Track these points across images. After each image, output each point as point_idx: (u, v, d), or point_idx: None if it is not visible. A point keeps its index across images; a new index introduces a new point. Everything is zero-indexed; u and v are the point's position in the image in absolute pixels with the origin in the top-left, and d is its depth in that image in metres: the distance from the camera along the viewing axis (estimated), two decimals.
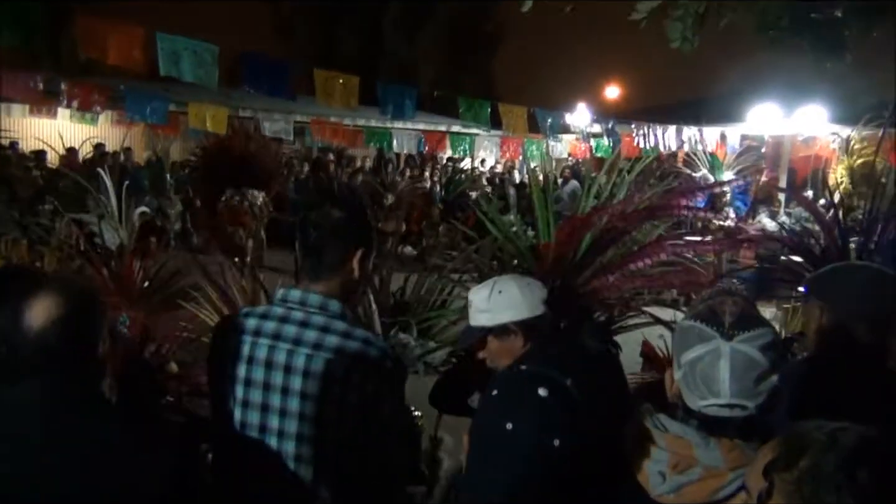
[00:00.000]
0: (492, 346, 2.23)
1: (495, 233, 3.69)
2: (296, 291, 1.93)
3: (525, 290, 2.18)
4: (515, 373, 2.02)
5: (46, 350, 1.60)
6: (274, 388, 1.85)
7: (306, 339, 1.85)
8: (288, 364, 1.84)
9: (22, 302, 1.62)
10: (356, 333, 1.88)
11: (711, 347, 1.47)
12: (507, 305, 2.16)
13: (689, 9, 3.09)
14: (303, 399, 1.82)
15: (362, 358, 1.84)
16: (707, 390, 1.47)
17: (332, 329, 1.86)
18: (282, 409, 1.84)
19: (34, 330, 1.60)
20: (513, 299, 2.17)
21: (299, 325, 1.87)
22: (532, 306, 2.16)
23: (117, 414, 1.79)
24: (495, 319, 2.18)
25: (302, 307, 1.90)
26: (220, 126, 10.59)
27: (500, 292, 2.18)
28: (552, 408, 1.56)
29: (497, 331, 2.19)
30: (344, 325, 1.88)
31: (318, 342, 1.84)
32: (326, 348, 1.83)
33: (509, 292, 2.18)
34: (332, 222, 1.93)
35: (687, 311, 1.61)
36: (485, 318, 2.21)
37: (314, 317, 1.88)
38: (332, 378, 1.82)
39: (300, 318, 1.88)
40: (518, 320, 2.16)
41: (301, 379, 1.83)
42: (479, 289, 2.25)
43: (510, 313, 2.16)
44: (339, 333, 1.86)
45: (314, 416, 1.82)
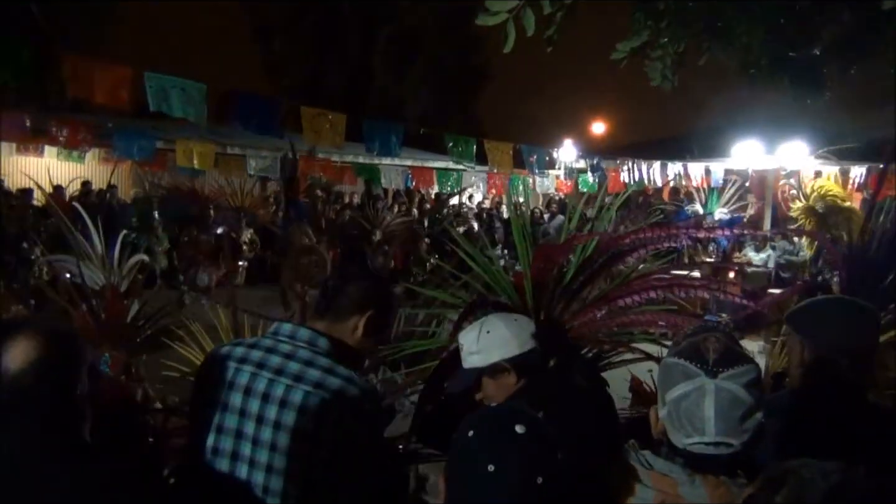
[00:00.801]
0: (487, 386, 2.24)
1: (476, 268, 3.67)
2: (287, 325, 1.97)
3: (512, 326, 2.20)
4: (489, 412, 2.01)
5: (24, 393, 1.58)
6: (249, 415, 1.85)
7: (288, 371, 1.86)
8: (267, 393, 1.84)
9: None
10: (339, 371, 1.89)
11: (696, 385, 1.47)
12: (496, 344, 2.17)
13: (669, 48, 3.16)
14: (276, 429, 1.82)
15: (341, 395, 1.84)
16: (692, 428, 1.46)
17: (316, 364, 1.88)
18: (255, 437, 1.83)
19: (11, 373, 1.58)
20: (501, 337, 2.17)
21: (284, 357, 1.89)
22: (521, 342, 2.17)
23: (99, 458, 1.76)
24: (486, 359, 2.19)
25: (291, 340, 1.93)
26: (206, 163, 10.64)
27: (488, 332, 2.19)
28: (531, 444, 1.55)
29: (489, 370, 2.20)
30: (328, 361, 1.90)
31: (300, 375, 1.85)
32: (307, 381, 1.84)
33: (497, 331, 2.19)
34: (358, 279, 2.06)
35: (670, 348, 1.61)
36: (477, 360, 2.21)
37: (301, 350, 1.90)
38: (308, 412, 1.81)
39: (286, 351, 1.90)
40: (509, 357, 2.16)
41: (277, 409, 1.83)
42: (468, 331, 2.27)
43: (500, 351, 2.16)
44: (322, 368, 1.87)
45: (286, 449, 1.81)
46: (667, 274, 3.38)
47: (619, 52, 3.16)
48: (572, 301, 2.93)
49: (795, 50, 3.75)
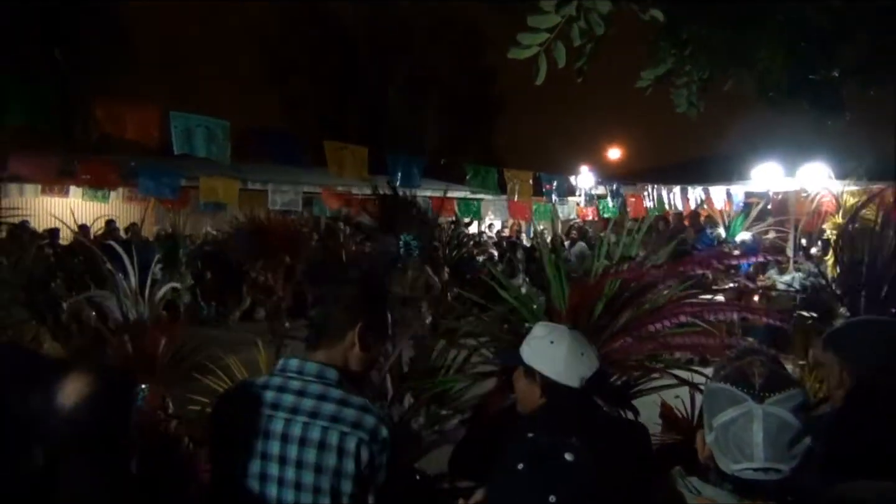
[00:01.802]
0: (518, 379, 2.25)
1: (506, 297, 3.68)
2: (294, 360, 1.96)
3: (572, 356, 2.15)
4: (533, 443, 2.01)
5: (78, 430, 1.61)
6: (271, 457, 1.86)
7: (303, 408, 1.87)
8: (285, 433, 1.86)
9: (54, 384, 1.64)
10: (352, 401, 1.90)
11: (743, 410, 1.46)
12: (547, 356, 2.16)
13: (693, 75, 3.19)
14: (299, 468, 1.83)
15: (358, 426, 1.85)
16: (740, 454, 1.46)
17: (329, 397, 1.89)
18: (280, 478, 1.85)
19: (66, 410, 1.62)
20: (555, 356, 2.15)
21: (296, 394, 1.90)
22: (567, 375, 2.14)
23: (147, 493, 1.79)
24: (529, 360, 2.19)
25: (299, 376, 1.93)
26: (231, 198, 10.77)
27: (551, 342, 2.17)
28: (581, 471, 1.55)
29: (525, 369, 2.21)
30: (340, 392, 1.90)
31: (315, 411, 1.86)
32: (323, 416, 1.85)
33: (558, 348, 2.16)
34: (335, 295, 1.98)
35: (714, 373, 1.61)
36: (526, 352, 2.22)
37: (311, 385, 1.91)
38: (327, 446, 1.83)
39: (298, 388, 1.91)
40: (545, 374, 2.15)
41: (297, 448, 1.84)
42: (544, 325, 2.27)
43: (544, 364, 2.15)
44: (335, 401, 1.88)
45: (311, 485, 1.82)
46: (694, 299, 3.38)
47: (644, 81, 3.20)
48: (603, 330, 2.93)
49: (815, 72, 3.76)
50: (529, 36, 2.24)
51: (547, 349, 2.16)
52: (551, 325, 2.28)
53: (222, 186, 11.00)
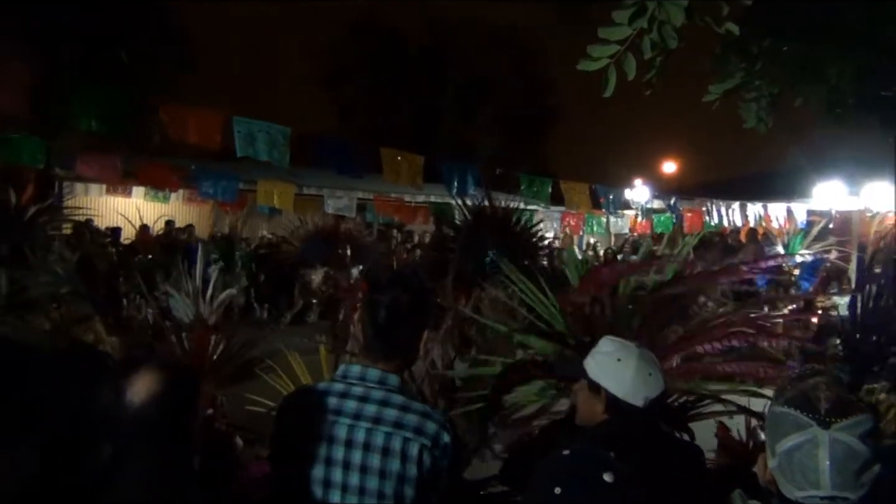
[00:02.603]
0: (580, 391, 2.22)
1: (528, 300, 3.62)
2: (356, 367, 1.99)
3: (639, 376, 2.11)
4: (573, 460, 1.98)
5: (146, 426, 1.66)
6: (335, 463, 1.88)
7: (366, 414, 1.89)
8: (349, 439, 1.88)
9: (123, 379, 1.69)
10: (414, 407, 1.92)
11: (808, 437, 1.42)
12: (612, 373, 2.12)
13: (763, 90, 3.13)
14: (363, 473, 1.86)
15: (420, 431, 1.87)
16: (805, 481, 1.42)
17: (391, 403, 1.91)
18: (343, 484, 1.87)
19: (134, 406, 1.66)
20: (623, 374, 2.11)
21: (359, 401, 1.92)
22: (633, 393, 2.09)
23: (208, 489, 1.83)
24: (594, 374, 2.15)
25: (362, 382, 1.95)
26: (286, 203, 10.96)
27: (618, 359, 2.14)
28: (621, 493, 1.51)
29: (589, 383, 2.17)
30: (402, 398, 1.93)
31: (378, 416, 1.89)
32: (386, 422, 1.88)
33: (624, 365, 2.12)
34: (402, 305, 1.98)
35: (776, 395, 1.56)
36: (591, 366, 2.18)
37: (374, 392, 1.93)
38: (391, 452, 1.85)
39: (360, 394, 1.93)
40: (609, 391, 2.12)
41: (361, 453, 1.87)
42: (611, 341, 2.23)
43: (609, 381, 2.12)
44: (398, 407, 1.90)
45: (375, 491, 1.85)
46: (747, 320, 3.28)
47: (712, 95, 3.14)
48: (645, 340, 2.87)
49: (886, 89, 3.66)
50: (600, 48, 2.23)
51: (614, 366, 2.12)
52: (619, 342, 2.24)
53: (278, 191, 11.21)
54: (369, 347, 2.00)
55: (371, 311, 1.99)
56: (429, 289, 2.12)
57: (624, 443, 1.98)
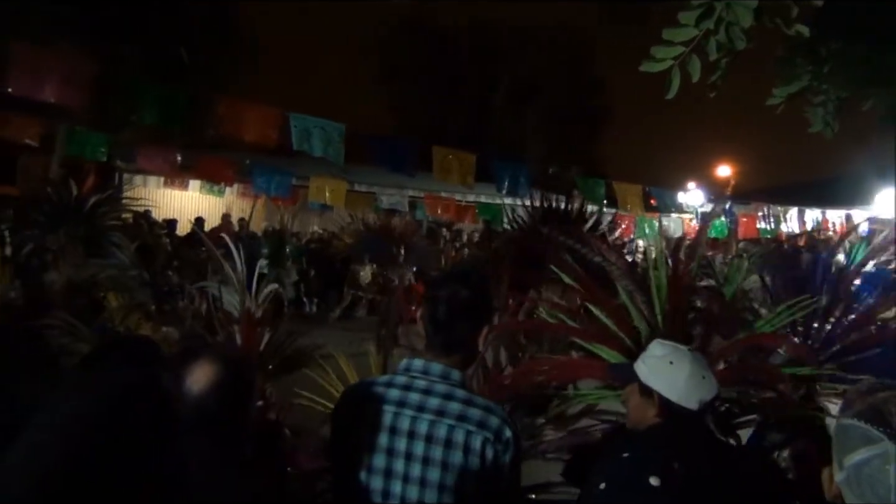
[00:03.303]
0: (631, 395, 2.19)
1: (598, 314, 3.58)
2: (419, 361, 2.00)
3: (693, 379, 2.07)
4: (623, 461, 1.96)
5: (204, 413, 1.69)
6: (397, 453, 1.90)
7: (429, 407, 1.90)
8: (411, 430, 1.89)
9: (184, 367, 1.73)
10: (477, 401, 1.93)
11: (878, 451, 1.37)
12: (667, 377, 2.09)
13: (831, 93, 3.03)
14: (424, 465, 1.86)
15: (483, 425, 1.88)
16: (875, 497, 1.37)
17: (455, 396, 1.92)
18: (405, 475, 1.88)
19: (193, 394, 1.70)
20: (676, 377, 2.07)
21: (423, 393, 1.93)
22: (687, 397, 2.06)
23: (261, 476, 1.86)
24: (646, 378, 2.12)
25: (425, 376, 1.97)
26: (338, 199, 11.07)
27: (670, 363, 2.10)
28: (666, 497, 1.48)
29: (641, 387, 2.14)
30: (465, 393, 1.94)
31: (441, 409, 1.89)
32: (449, 415, 1.88)
33: (676, 368, 2.09)
34: (463, 300, 1.99)
35: (844, 407, 1.52)
36: (642, 370, 2.15)
37: (437, 385, 1.94)
38: (454, 444, 1.86)
39: (423, 387, 1.94)
40: (662, 395, 2.08)
41: (424, 445, 1.87)
42: (662, 344, 2.20)
43: (661, 384, 2.08)
44: (461, 401, 1.91)
45: (436, 483, 1.86)
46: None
47: (776, 98, 3.06)
48: None
49: None
50: (664, 49, 2.19)
51: (667, 369, 2.09)
52: (670, 345, 2.20)
53: (330, 187, 11.34)
54: (430, 343, 2.01)
55: (431, 307, 2.01)
56: (487, 285, 2.11)
57: (677, 447, 1.96)
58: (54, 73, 7.12)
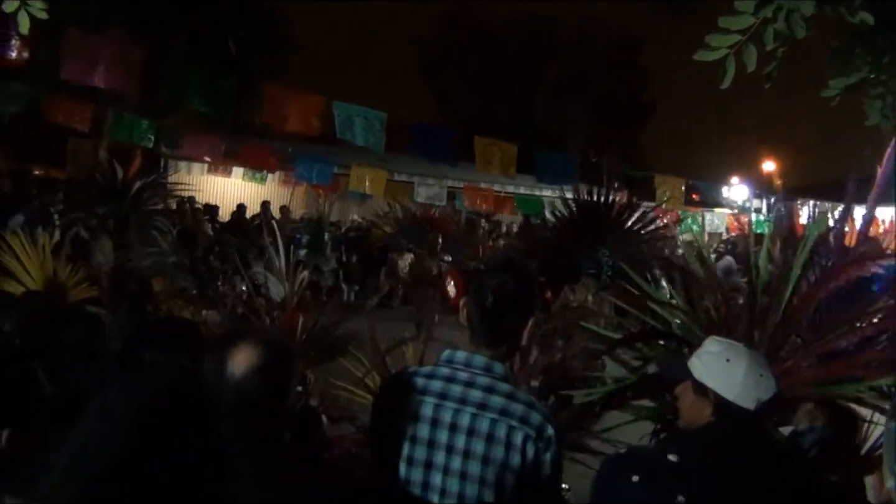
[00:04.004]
0: (685, 395, 2.12)
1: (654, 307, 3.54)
2: (461, 353, 1.97)
3: (750, 377, 2.00)
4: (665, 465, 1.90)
5: (245, 397, 1.70)
6: (439, 446, 1.88)
7: (471, 399, 1.88)
8: (454, 423, 1.87)
9: (226, 351, 1.74)
10: (520, 396, 1.90)
11: None
12: (721, 375, 2.01)
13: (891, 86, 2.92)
14: (465, 458, 1.84)
15: (525, 421, 1.85)
16: None
17: (497, 390, 1.89)
18: (445, 467, 1.86)
19: (235, 378, 1.71)
20: (733, 375, 2.00)
21: (465, 386, 1.91)
22: (744, 396, 1.99)
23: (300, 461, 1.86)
24: (701, 376, 2.05)
25: (467, 368, 1.94)
26: (378, 189, 11.11)
27: (727, 360, 2.03)
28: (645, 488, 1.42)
29: (695, 385, 2.07)
30: (508, 387, 1.91)
31: (483, 402, 1.87)
32: (491, 409, 1.86)
33: (733, 366, 2.01)
34: (511, 291, 1.96)
35: (893, 410, 1.46)
36: (697, 367, 2.08)
37: (479, 378, 1.91)
38: (495, 439, 1.84)
39: (465, 379, 1.92)
40: (719, 394, 2.00)
41: (465, 438, 1.85)
42: (718, 341, 2.14)
43: (717, 383, 2.01)
44: (504, 395, 1.88)
45: (477, 476, 1.83)
46: None
47: (833, 90, 2.95)
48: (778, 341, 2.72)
49: None
50: (720, 37, 2.13)
51: (723, 367, 2.01)
52: (726, 342, 2.13)
53: (370, 176, 11.37)
54: (475, 332, 1.98)
55: (478, 295, 1.98)
56: (535, 278, 2.08)
57: (729, 447, 1.91)
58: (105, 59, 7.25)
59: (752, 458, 1.92)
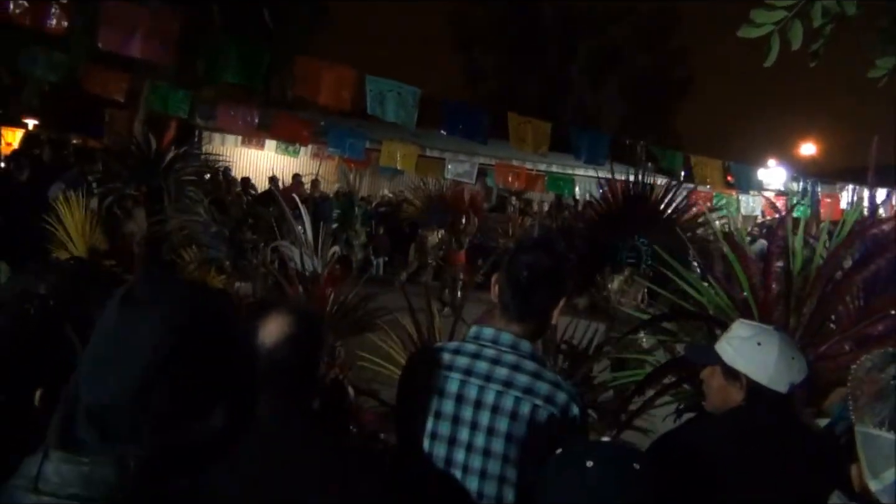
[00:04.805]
0: (713, 377, 2.09)
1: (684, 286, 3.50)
2: (488, 330, 1.97)
3: (783, 359, 1.98)
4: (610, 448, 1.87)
5: (276, 365, 1.72)
6: (463, 422, 1.88)
7: (497, 377, 1.88)
8: (478, 400, 1.87)
9: (258, 320, 1.76)
10: (546, 375, 1.90)
11: None
12: (753, 359, 1.99)
13: None
14: (489, 435, 1.85)
15: (550, 400, 1.85)
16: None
17: (523, 368, 1.89)
18: (469, 443, 1.87)
19: (266, 346, 1.73)
20: (765, 359, 1.97)
21: (491, 363, 1.90)
22: (777, 379, 1.96)
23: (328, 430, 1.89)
24: (733, 361, 2.02)
25: (494, 345, 1.94)
26: (409, 164, 11.10)
27: (758, 343, 2.00)
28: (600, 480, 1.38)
29: (725, 370, 2.04)
30: (534, 365, 1.91)
31: (509, 380, 1.87)
32: (516, 387, 1.86)
33: (766, 350, 1.99)
34: (545, 268, 1.95)
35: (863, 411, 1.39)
36: (728, 352, 2.05)
37: (505, 355, 1.91)
38: (519, 417, 1.84)
39: (492, 356, 1.92)
40: (751, 377, 1.98)
41: (490, 415, 1.86)
42: (747, 325, 2.12)
43: (750, 367, 1.99)
44: (530, 373, 1.88)
45: (500, 454, 1.84)
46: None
47: (879, 70, 2.86)
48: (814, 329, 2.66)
49: None
50: (765, 13, 2.07)
51: (754, 351, 1.99)
52: (756, 325, 2.11)
53: (402, 152, 11.37)
54: (506, 308, 1.97)
55: (512, 270, 1.97)
56: (568, 257, 2.07)
57: (758, 430, 1.89)
58: (141, 30, 7.30)
59: (783, 440, 1.91)
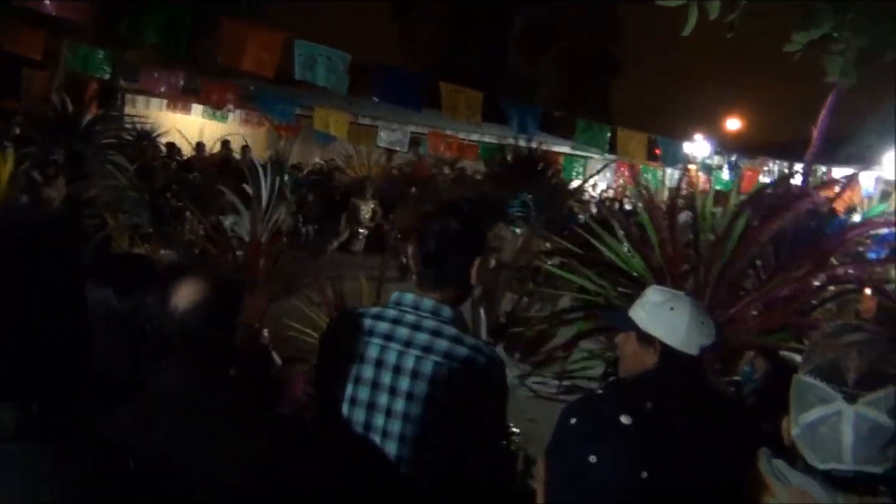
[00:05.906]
0: (627, 343, 2.13)
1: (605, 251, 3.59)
2: (409, 295, 1.97)
3: (693, 324, 2.02)
4: (595, 398, 1.95)
5: (188, 331, 1.68)
6: (382, 387, 1.88)
7: (417, 342, 1.88)
8: (397, 365, 1.87)
9: (169, 286, 1.71)
10: (466, 340, 1.90)
11: (832, 411, 1.35)
12: (667, 323, 2.02)
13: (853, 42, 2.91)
14: (408, 400, 1.85)
15: (470, 364, 1.86)
16: (828, 454, 1.36)
17: (443, 333, 1.89)
18: (388, 408, 1.87)
19: (178, 311, 1.68)
20: (677, 323, 2.01)
21: (411, 328, 1.91)
22: (687, 343, 2.00)
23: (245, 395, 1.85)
24: (646, 326, 2.05)
25: (415, 311, 1.94)
26: (341, 131, 10.95)
27: (671, 308, 2.04)
28: (637, 436, 1.46)
29: (640, 335, 2.07)
30: (455, 330, 1.91)
31: (428, 345, 1.87)
32: (436, 352, 1.86)
33: (678, 315, 2.02)
34: (453, 233, 1.95)
35: (804, 360, 1.48)
36: (641, 317, 2.08)
37: (426, 321, 1.92)
38: (439, 381, 1.84)
39: (412, 322, 1.92)
40: (664, 342, 2.02)
41: (409, 380, 1.86)
42: (660, 290, 2.16)
43: (663, 331, 2.02)
44: (450, 338, 1.88)
45: (418, 418, 1.85)
46: None
47: (795, 44, 2.95)
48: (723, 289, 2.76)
49: None
50: None
51: (667, 315, 2.03)
52: (669, 291, 2.16)
53: (334, 118, 11.21)
54: (421, 277, 1.98)
55: (421, 239, 1.98)
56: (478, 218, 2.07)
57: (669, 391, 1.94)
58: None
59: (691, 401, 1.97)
